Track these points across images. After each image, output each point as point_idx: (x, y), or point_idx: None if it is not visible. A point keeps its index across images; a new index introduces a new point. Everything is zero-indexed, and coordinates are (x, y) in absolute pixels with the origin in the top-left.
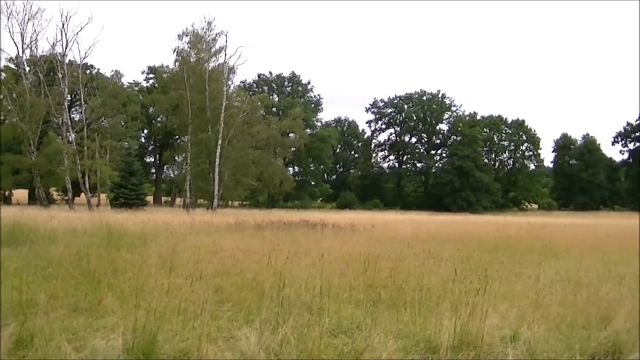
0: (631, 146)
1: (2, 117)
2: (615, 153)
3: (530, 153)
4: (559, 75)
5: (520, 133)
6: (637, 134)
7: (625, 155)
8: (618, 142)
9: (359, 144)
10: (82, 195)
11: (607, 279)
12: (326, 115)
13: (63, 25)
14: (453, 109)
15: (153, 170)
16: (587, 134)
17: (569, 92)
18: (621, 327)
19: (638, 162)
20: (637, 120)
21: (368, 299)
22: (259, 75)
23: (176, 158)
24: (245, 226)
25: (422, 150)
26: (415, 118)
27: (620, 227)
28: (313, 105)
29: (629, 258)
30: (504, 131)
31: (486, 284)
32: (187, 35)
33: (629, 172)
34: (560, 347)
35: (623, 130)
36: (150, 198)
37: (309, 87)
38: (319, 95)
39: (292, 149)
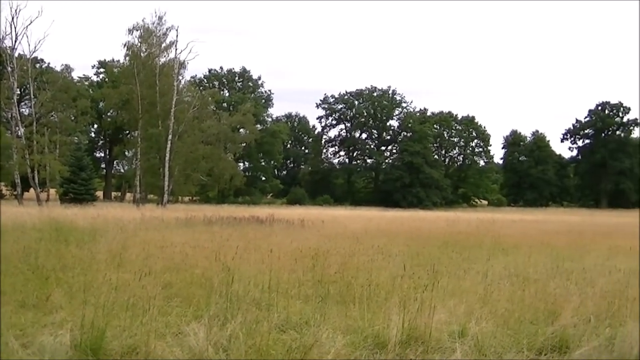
0: (580, 143)
1: None
2: (565, 150)
3: (480, 149)
4: (509, 72)
5: (471, 129)
6: (586, 131)
7: (574, 152)
8: (567, 139)
9: (310, 140)
10: (32, 190)
11: (555, 275)
12: (277, 110)
13: (12, 18)
14: (403, 105)
15: (103, 166)
16: (537, 131)
17: (519, 89)
18: (568, 322)
19: (587, 159)
20: (586, 118)
21: (317, 294)
22: (209, 71)
23: (126, 153)
24: (195, 222)
25: (372, 146)
26: (365, 114)
27: (569, 224)
28: (264, 101)
29: (577, 254)
30: (454, 127)
31: (435, 279)
32: (137, 30)
33: (577, 168)
34: (508, 342)
35: (572, 128)
36: (100, 193)
37: (260, 82)
38: (269, 90)
39: (243, 144)
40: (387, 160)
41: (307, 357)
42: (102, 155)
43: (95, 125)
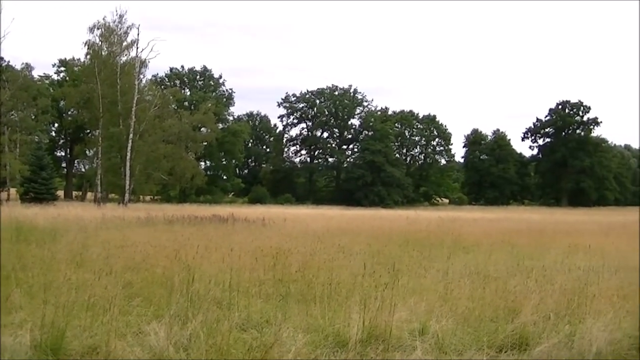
0: (541, 142)
1: None
2: (525, 149)
3: (442, 148)
4: (470, 71)
5: (432, 128)
6: (547, 130)
7: (535, 151)
8: (528, 137)
9: (271, 139)
10: None
11: (515, 273)
12: (238, 109)
13: None
14: (365, 104)
15: (64, 165)
16: (498, 130)
17: (480, 88)
18: (528, 319)
19: (547, 158)
20: (546, 117)
21: (278, 293)
22: (171, 69)
23: (87, 152)
24: (156, 221)
25: (333, 145)
26: (327, 113)
27: (530, 222)
28: (225, 100)
29: (537, 252)
30: (415, 126)
31: (395, 278)
32: (98, 29)
33: (538, 167)
34: (469, 339)
35: (533, 126)
36: (61, 192)
37: (221, 81)
38: (230, 89)
39: (204, 143)
40: (348, 159)
41: (268, 356)
42: (63, 154)
43: (56, 124)
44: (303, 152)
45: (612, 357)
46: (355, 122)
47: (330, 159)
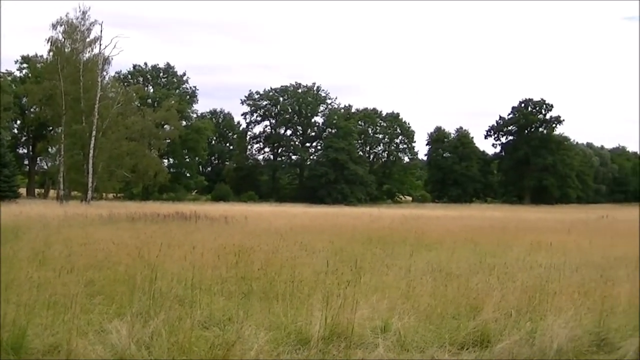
0: (503, 140)
1: None
2: (488, 146)
3: (405, 146)
4: (433, 69)
5: (395, 126)
6: (509, 128)
7: (498, 149)
8: (491, 135)
9: (234, 136)
10: None
11: (477, 270)
12: (201, 107)
13: None
14: (328, 101)
15: (26, 162)
16: (461, 128)
17: (443, 86)
18: (490, 316)
19: (510, 156)
20: (509, 115)
21: (240, 291)
22: (134, 66)
23: (50, 149)
24: (118, 218)
25: (297, 143)
26: (290, 110)
27: (492, 220)
28: (188, 97)
29: (499, 249)
30: (378, 124)
31: (358, 275)
32: (61, 25)
33: (501, 165)
34: (431, 337)
35: (496, 124)
36: (23, 190)
37: (185, 78)
38: (194, 86)
39: (167, 140)
40: (311, 157)
41: (230, 354)
42: (25, 151)
43: (18, 121)
44: (266, 149)
45: (573, 353)
46: (318, 119)
47: (293, 157)
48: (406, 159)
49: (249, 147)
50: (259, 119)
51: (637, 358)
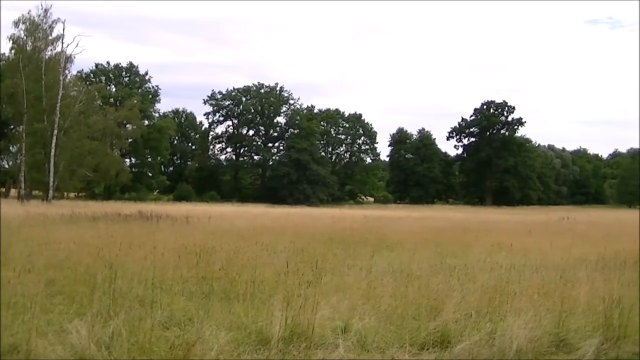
0: (465, 141)
1: None
2: (450, 148)
3: (367, 147)
4: (395, 70)
5: (357, 127)
6: (471, 130)
7: (460, 150)
8: (453, 137)
9: (197, 136)
10: None
11: (438, 271)
12: (164, 106)
13: None
14: (291, 102)
15: None
16: (423, 129)
17: (405, 87)
18: (450, 317)
19: (472, 157)
20: (471, 116)
21: (201, 291)
22: (96, 65)
23: (10, 148)
24: (79, 218)
25: (259, 143)
26: (253, 110)
27: (454, 221)
28: (150, 96)
29: (460, 250)
30: (341, 125)
31: (319, 276)
32: (23, 23)
33: (463, 166)
34: (391, 337)
35: (458, 126)
36: None
37: (147, 77)
38: (156, 86)
39: (129, 139)
40: (274, 157)
41: (190, 354)
42: None
43: None
44: (229, 149)
45: (532, 354)
46: (281, 120)
47: (255, 157)
48: (368, 160)
49: (211, 147)
50: (221, 118)
51: (595, 358)
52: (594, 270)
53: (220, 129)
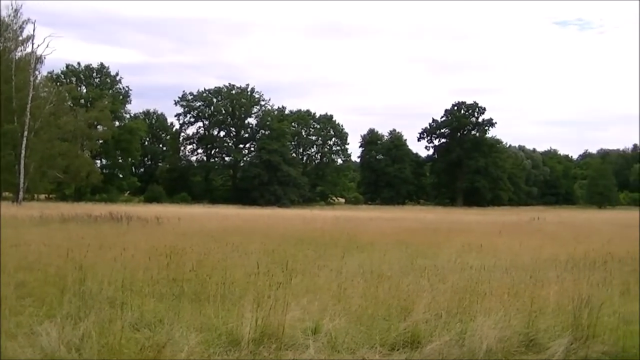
0: (436, 142)
1: None
2: (421, 149)
3: (338, 148)
4: (366, 71)
5: (328, 128)
6: (442, 131)
7: (431, 151)
8: (424, 138)
9: (168, 137)
10: None
11: (409, 272)
12: (135, 107)
13: None
14: (262, 103)
15: None
16: (394, 130)
17: (376, 88)
18: (420, 317)
19: (443, 158)
20: (442, 118)
21: (171, 292)
22: (67, 66)
23: None
24: (50, 220)
25: (230, 144)
26: (224, 112)
27: (424, 222)
28: (121, 97)
29: (431, 251)
30: (312, 126)
31: (289, 277)
32: None
33: (434, 167)
34: (361, 338)
35: (429, 127)
36: None
37: (118, 78)
38: (127, 86)
39: (100, 141)
40: (245, 158)
41: (160, 356)
42: None
43: None
44: (200, 150)
45: (502, 354)
46: (252, 121)
47: (226, 158)
48: (339, 161)
49: (182, 148)
50: (192, 120)
51: (564, 358)
52: (563, 271)
53: (191, 130)
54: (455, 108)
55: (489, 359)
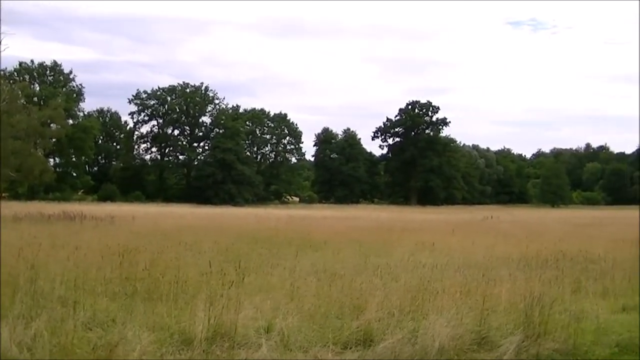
0: (390, 141)
1: None
2: (375, 148)
3: (292, 147)
4: (321, 70)
5: (283, 127)
6: (396, 130)
7: (385, 150)
8: (378, 137)
9: (121, 136)
10: None
11: (362, 270)
12: (88, 105)
13: None
14: (216, 102)
15: None
16: (348, 129)
17: (331, 87)
18: (373, 316)
19: (397, 157)
20: (396, 117)
21: (124, 292)
22: (20, 64)
23: None
24: (2, 219)
25: (184, 143)
26: (178, 110)
27: (378, 220)
28: (75, 95)
29: (384, 250)
30: (266, 125)
31: (242, 275)
32: None
33: (388, 166)
34: (314, 336)
35: (383, 126)
36: None
37: (71, 76)
38: (81, 84)
39: (53, 139)
40: (199, 157)
41: (113, 355)
42: None
43: None
44: (154, 149)
45: (454, 351)
46: (206, 119)
47: (181, 157)
48: (294, 160)
49: (136, 146)
50: (146, 118)
51: (516, 356)
52: (516, 269)
53: (145, 129)
54: (410, 107)
55: (441, 357)
